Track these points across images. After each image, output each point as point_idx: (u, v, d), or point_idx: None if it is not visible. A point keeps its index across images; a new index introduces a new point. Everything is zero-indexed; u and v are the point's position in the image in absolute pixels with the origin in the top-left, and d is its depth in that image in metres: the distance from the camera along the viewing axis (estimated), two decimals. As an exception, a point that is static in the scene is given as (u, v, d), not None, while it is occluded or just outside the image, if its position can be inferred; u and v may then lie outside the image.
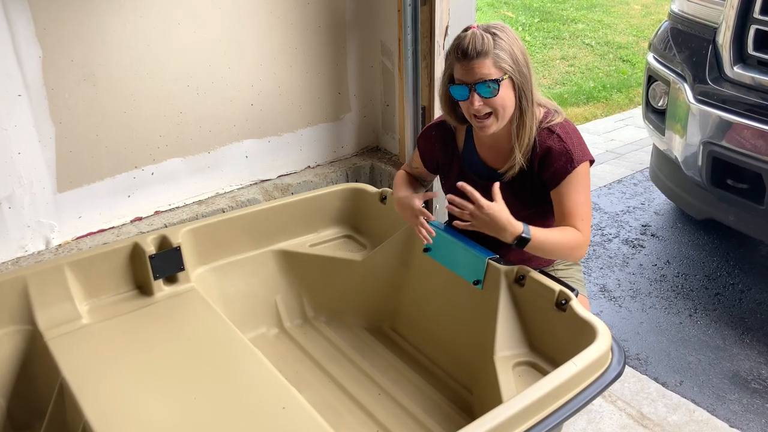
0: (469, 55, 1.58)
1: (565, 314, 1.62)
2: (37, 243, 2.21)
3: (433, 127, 1.92)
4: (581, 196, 1.66)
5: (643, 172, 3.71)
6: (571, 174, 1.65)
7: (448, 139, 1.87)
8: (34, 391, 1.80)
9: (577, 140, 1.69)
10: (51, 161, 2.15)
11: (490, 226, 1.59)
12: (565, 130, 1.69)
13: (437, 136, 1.89)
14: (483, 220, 1.58)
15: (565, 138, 1.67)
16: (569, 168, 1.65)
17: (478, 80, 1.59)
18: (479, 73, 1.58)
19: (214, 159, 2.50)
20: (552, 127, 1.69)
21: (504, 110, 1.63)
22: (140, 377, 1.65)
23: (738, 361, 2.30)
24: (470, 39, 1.58)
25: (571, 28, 6.81)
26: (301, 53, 2.58)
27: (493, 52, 1.57)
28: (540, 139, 1.68)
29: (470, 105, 1.62)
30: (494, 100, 1.60)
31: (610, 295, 2.68)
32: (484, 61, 1.57)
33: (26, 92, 2.04)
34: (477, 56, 1.57)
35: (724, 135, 2.34)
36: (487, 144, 1.78)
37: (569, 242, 1.64)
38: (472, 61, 1.58)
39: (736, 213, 2.47)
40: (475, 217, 1.59)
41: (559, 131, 1.68)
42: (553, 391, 1.39)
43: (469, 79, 1.60)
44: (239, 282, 2.16)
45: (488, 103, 1.61)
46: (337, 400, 1.90)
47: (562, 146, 1.66)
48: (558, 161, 1.66)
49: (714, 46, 2.46)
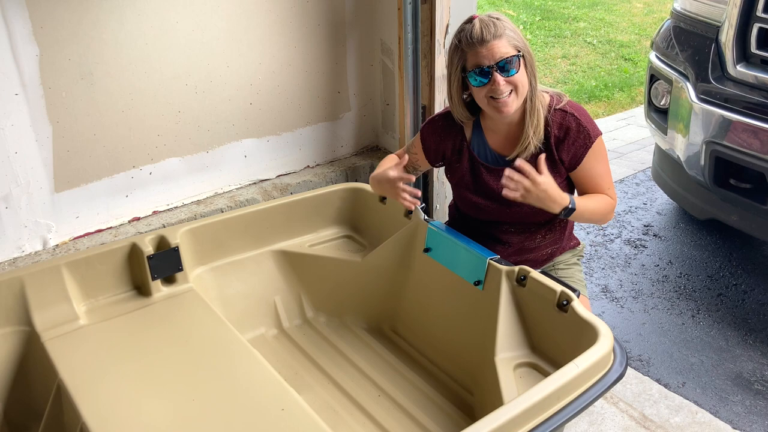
0: (485, 38, 1.62)
1: (566, 315, 1.61)
2: (34, 243, 2.21)
3: (440, 117, 1.91)
4: (603, 166, 1.78)
5: (645, 172, 3.71)
6: (591, 149, 1.74)
7: (455, 130, 1.87)
8: (31, 392, 1.80)
9: (587, 117, 1.77)
10: (48, 161, 2.14)
11: (541, 199, 1.67)
12: (577, 109, 1.76)
13: (444, 126, 1.89)
14: (536, 195, 1.65)
15: (580, 116, 1.74)
16: (588, 144, 1.74)
17: (500, 59, 1.63)
18: (499, 53, 1.63)
19: (212, 158, 2.49)
20: (564, 108, 1.75)
21: (523, 87, 1.68)
22: (138, 379, 1.64)
23: (741, 362, 2.29)
24: (480, 25, 1.64)
25: (573, 27, 6.81)
26: (301, 52, 2.57)
27: (505, 33, 1.64)
28: (555, 120, 1.74)
29: (493, 86, 1.64)
30: (516, 77, 1.65)
31: (612, 295, 2.68)
32: (500, 41, 1.63)
33: (23, 91, 2.03)
34: (493, 38, 1.62)
35: (726, 134, 2.33)
36: (497, 132, 1.80)
37: (605, 208, 1.78)
38: (489, 43, 1.62)
39: (739, 213, 2.47)
40: (530, 192, 1.65)
41: (572, 111, 1.75)
42: (555, 393, 1.38)
43: (489, 62, 1.63)
44: (238, 282, 2.15)
45: (510, 81, 1.65)
46: (337, 402, 1.90)
47: (578, 125, 1.73)
48: (577, 140, 1.74)
49: (717, 44, 2.45)
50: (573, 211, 1.70)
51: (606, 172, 1.79)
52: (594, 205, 1.77)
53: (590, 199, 1.77)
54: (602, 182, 1.79)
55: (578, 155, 1.74)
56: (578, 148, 1.73)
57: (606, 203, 1.79)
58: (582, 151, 1.74)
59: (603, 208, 1.78)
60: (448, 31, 2.46)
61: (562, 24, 6.88)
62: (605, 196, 1.80)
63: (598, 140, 1.75)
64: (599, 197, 1.79)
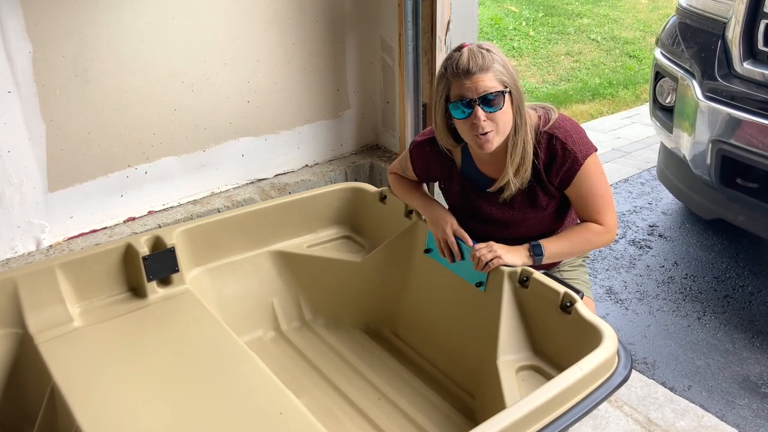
0: (471, 70, 1.58)
1: (570, 317, 1.61)
2: (28, 244, 2.21)
3: (426, 143, 1.88)
4: (596, 187, 1.71)
5: (650, 171, 3.70)
6: (579, 172, 1.69)
7: (443, 155, 1.86)
8: (25, 395, 1.79)
9: (578, 136, 1.70)
10: (42, 160, 2.14)
11: (509, 250, 1.72)
12: (565, 129, 1.70)
13: (432, 153, 1.87)
14: (504, 250, 1.72)
15: (566, 139, 1.68)
16: (576, 167, 1.68)
17: (483, 93, 1.58)
18: (483, 86, 1.58)
19: (209, 157, 2.50)
20: (551, 131, 1.70)
21: (505, 126, 1.64)
22: (133, 382, 1.63)
23: (748, 365, 2.28)
24: (469, 55, 1.59)
25: (576, 23, 6.80)
26: (299, 49, 2.57)
27: (493, 66, 1.59)
28: (542, 145, 1.70)
29: (474, 121, 1.61)
30: (497, 114, 1.61)
31: (617, 297, 2.67)
32: (486, 74, 1.58)
33: (16, 89, 2.02)
34: (479, 71, 1.58)
35: (733, 133, 2.32)
36: (485, 159, 1.78)
37: (587, 239, 1.73)
38: (474, 75, 1.58)
39: (746, 213, 2.46)
40: (496, 250, 1.71)
41: (558, 134, 1.69)
42: (558, 396, 1.37)
43: (472, 95, 1.59)
44: (235, 284, 2.14)
45: (492, 117, 1.61)
46: (336, 406, 1.89)
47: (564, 150, 1.68)
48: (564, 164, 1.69)
49: (723, 41, 2.44)
50: (541, 256, 1.70)
51: (599, 192, 1.72)
52: (568, 242, 1.73)
53: (563, 239, 1.74)
54: (594, 203, 1.72)
55: (567, 179, 1.70)
56: (566, 172, 1.69)
57: (587, 233, 1.72)
58: (570, 174, 1.69)
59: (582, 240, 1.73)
60: (450, 27, 2.47)
61: (566, 20, 6.87)
62: (588, 226, 1.73)
63: (589, 161, 1.68)
64: (576, 231, 1.74)
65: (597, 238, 1.73)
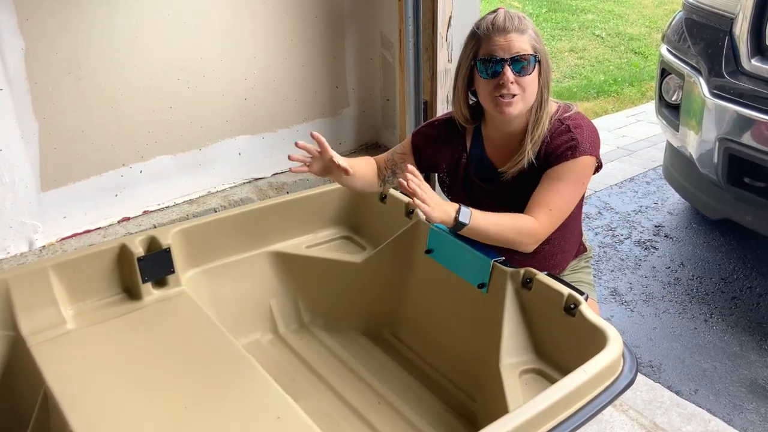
0: (507, 28, 1.56)
1: (574, 319, 1.59)
2: (20, 244, 2.20)
3: (442, 123, 1.83)
4: (562, 187, 1.61)
5: (656, 170, 3.70)
6: (567, 162, 1.61)
7: (456, 138, 1.81)
8: (17, 399, 1.77)
9: (588, 133, 1.65)
10: (34, 158, 2.14)
11: (438, 204, 1.54)
12: (577, 122, 1.66)
13: (446, 133, 1.82)
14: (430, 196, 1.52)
15: (574, 129, 1.64)
16: (568, 155, 1.61)
17: (515, 54, 1.56)
18: (517, 47, 1.56)
19: (205, 156, 2.49)
20: (563, 119, 1.66)
21: (531, 94, 1.60)
22: (128, 385, 1.62)
23: (756, 368, 2.27)
24: (505, 15, 1.58)
25: (581, 19, 6.80)
26: (297, 45, 2.56)
27: (528, 32, 1.58)
28: (552, 130, 1.66)
29: (501, 81, 1.57)
30: (527, 79, 1.58)
31: (622, 299, 2.65)
32: (522, 36, 1.57)
33: (8, 86, 2.01)
34: (515, 30, 1.56)
35: (741, 131, 2.31)
36: (497, 143, 1.74)
37: (516, 230, 1.60)
38: (510, 34, 1.56)
39: (753, 213, 2.45)
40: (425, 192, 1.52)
41: (569, 123, 1.66)
42: (562, 400, 1.36)
43: (504, 54, 1.56)
44: (232, 285, 2.13)
45: (519, 81, 1.57)
46: (335, 410, 1.88)
47: (570, 136, 1.63)
48: (560, 147, 1.62)
49: (731, 37, 2.43)
50: (464, 225, 1.57)
51: (562, 196, 1.61)
52: (495, 226, 1.59)
53: (494, 217, 1.61)
54: (549, 200, 1.61)
55: (553, 161, 1.62)
56: (557, 155, 1.61)
57: (517, 224, 1.60)
58: (558, 157, 1.61)
59: (509, 229, 1.60)
60: (451, 23, 2.47)
61: (570, 16, 6.87)
62: (522, 218, 1.61)
63: (583, 159, 1.61)
64: (510, 216, 1.61)
65: (519, 237, 1.62)
